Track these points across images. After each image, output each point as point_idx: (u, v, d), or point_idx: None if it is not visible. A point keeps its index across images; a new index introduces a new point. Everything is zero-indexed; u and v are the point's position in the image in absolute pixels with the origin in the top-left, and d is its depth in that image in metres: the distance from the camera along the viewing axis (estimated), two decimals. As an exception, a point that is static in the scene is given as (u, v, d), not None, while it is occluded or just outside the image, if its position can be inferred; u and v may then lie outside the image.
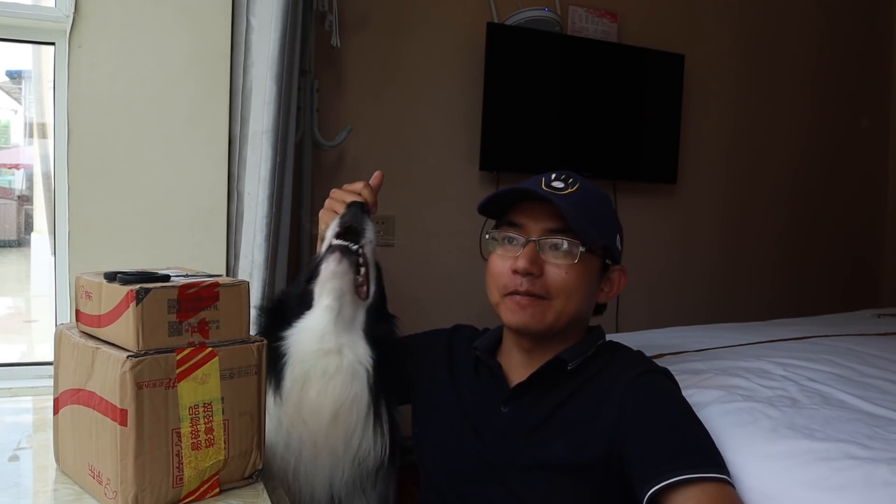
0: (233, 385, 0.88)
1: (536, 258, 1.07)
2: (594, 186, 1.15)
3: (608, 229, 1.13)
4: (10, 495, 0.90)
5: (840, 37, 3.30)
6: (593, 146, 2.71)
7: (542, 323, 1.08)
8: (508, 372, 1.16)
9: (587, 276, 1.09)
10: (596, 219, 1.09)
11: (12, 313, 2.05)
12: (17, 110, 2.02)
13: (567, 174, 1.13)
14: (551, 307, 1.08)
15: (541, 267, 1.07)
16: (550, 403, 1.08)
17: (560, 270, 1.07)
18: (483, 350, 1.20)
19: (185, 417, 0.84)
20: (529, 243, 1.08)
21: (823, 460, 1.03)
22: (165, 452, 0.83)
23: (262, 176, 1.64)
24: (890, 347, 1.60)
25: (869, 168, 3.47)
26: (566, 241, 1.07)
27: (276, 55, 1.64)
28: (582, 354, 1.11)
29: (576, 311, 1.10)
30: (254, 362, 0.91)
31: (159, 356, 0.82)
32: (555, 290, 1.07)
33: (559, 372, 1.10)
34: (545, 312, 1.08)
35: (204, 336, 0.87)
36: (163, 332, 0.83)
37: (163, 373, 0.83)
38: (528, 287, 1.07)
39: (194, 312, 0.86)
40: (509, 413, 1.11)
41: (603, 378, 1.08)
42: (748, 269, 3.18)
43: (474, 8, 2.55)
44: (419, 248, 2.51)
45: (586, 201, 1.10)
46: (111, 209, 1.53)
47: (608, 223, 1.14)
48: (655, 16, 2.87)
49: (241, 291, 0.90)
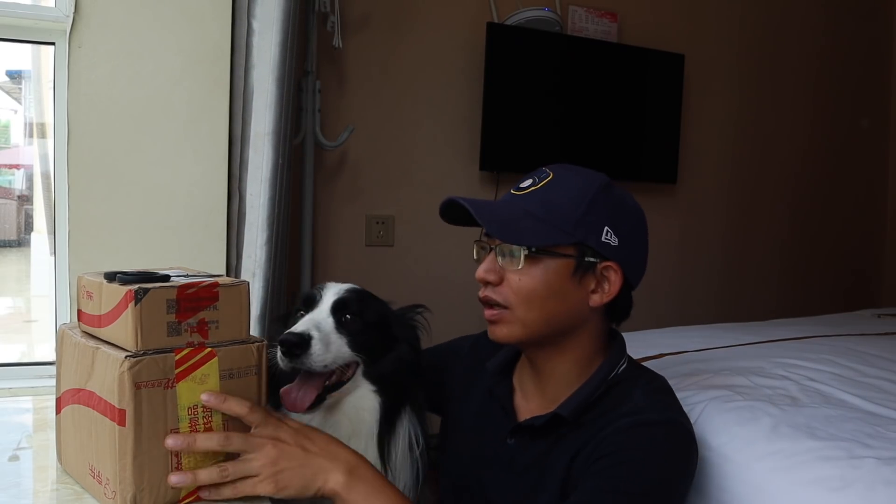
0: (233, 385, 0.88)
1: (494, 266, 1.02)
2: (578, 179, 1.04)
3: (580, 224, 1.00)
4: (10, 495, 0.89)
5: (840, 37, 3.30)
6: (593, 146, 2.71)
7: (514, 335, 1.02)
8: (520, 394, 1.13)
9: (545, 279, 1.00)
10: (558, 215, 1.00)
11: (12, 313, 2.05)
12: (17, 110, 2.02)
13: (549, 169, 1.06)
14: (514, 317, 1.01)
15: (500, 275, 1.02)
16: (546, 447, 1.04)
17: (514, 276, 1.00)
18: (494, 371, 1.15)
19: (184, 418, 0.84)
20: (491, 251, 1.03)
21: (824, 459, 1.03)
22: (164, 453, 0.83)
23: (263, 177, 1.64)
24: (890, 347, 1.60)
25: (869, 168, 3.47)
26: (503, 245, 1.01)
27: (278, 59, 1.64)
28: (584, 402, 1.03)
29: (542, 317, 1.01)
30: (254, 362, 0.90)
31: (158, 356, 0.82)
32: (511, 296, 1.01)
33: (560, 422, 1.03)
34: (511, 323, 1.02)
35: (203, 336, 0.86)
36: (161, 332, 0.83)
37: (161, 373, 0.82)
38: (486, 294, 1.03)
39: (193, 312, 0.85)
40: (515, 446, 1.08)
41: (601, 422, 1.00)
42: (748, 268, 3.18)
43: (474, 8, 2.55)
44: (419, 248, 2.51)
45: (548, 196, 1.02)
46: (111, 209, 1.53)
47: (581, 218, 1.00)
48: (655, 16, 2.87)
49: (241, 292, 0.90)
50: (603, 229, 1.01)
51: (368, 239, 2.45)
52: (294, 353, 0.98)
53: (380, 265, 2.46)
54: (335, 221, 2.40)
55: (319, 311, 1.07)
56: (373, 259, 2.45)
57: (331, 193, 2.38)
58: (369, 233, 2.45)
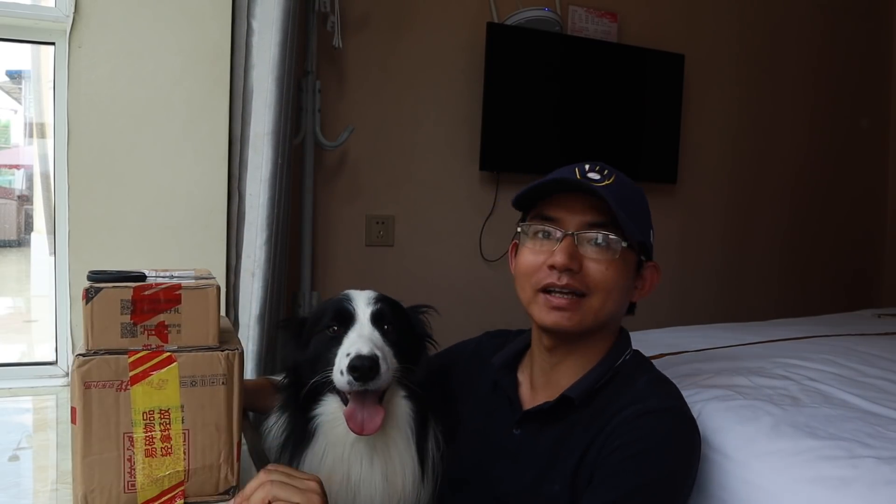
0: (195, 393, 0.84)
1: (575, 253, 1.01)
2: (629, 179, 1.08)
3: (644, 224, 1.07)
4: (10, 495, 0.89)
5: (840, 37, 3.30)
6: (593, 146, 2.70)
7: (579, 324, 1.03)
8: (526, 386, 1.13)
9: (626, 272, 1.04)
10: (634, 213, 1.03)
11: (12, 313, 2.05)
12: (17, 110, 2.02)
13: (602, 165, 1.07)
14: (590, 305, 1.02)
15: (580, 262, 1.01)
16: (556, 436, 1.04)
17: (600, 266, 1.01)
18: (501, 367, 1.16)
19: (139, 422, 0.81)
20: (567, 237, 1.02)
21: (825, 458, 1.03)
22: (116, 456, 0.81)
23: (263, 177, 1.64)
24: (890, 347, 1.60)
25: (869, 168, 3.47)
26: (607, 236, 1.01)
27: (278, 59, 1.64)
28: (592, 386, 1.04)
29: (613, 309, 1.04)
30: (220, 371, 0.85)
31: (109, 357, 0.80)
32: (594, 286, 1.01)
33: (568, 405, 1.05)
34: (583, 313, 1.02)
35: (162, 340, 0.83)
36: (114, 333, 0.81)
37: (113, 374, 0.80)
38: (568, 281, 1.00)
39: (152, 314, 0.83)
40: (521, 436, 1.08)
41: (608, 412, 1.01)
42: (748, 268, 3.18)
43: (474, 8, 2.55)
44: (419, 248, 2.51)
45: (624, 193, 1.03)
46: (111, 209, 1.53)
47: (644, 217, 1.08)
48: (655, 16, 2.87)
49: (207, 296, 0.85)
50: (650, 231, 1.11)
51: (368, 239, 2.45)
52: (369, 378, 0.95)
53: (380, 265, 2.46)
54: (335, 221, 2.40)
55: (362, 326, 1.03)
56: (373, 259, 2.45)
57: (331, 193, 2.38)
58: (369, 233, 2.45)
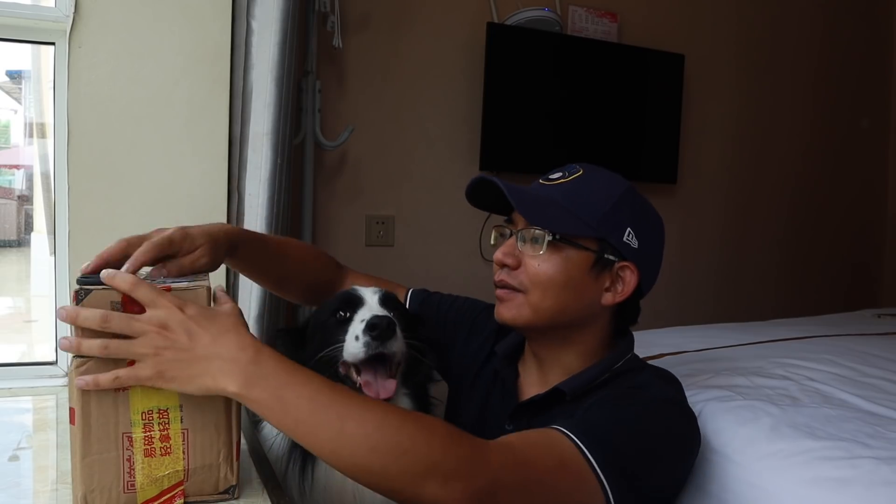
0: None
1: (514, 250, 1.04)
2: (607, 178, 1.07)
3: (605, 221, 1.03)
4: (10, 495, 0.89)
5: (840, 37, 3.30)
6: (593, 146, 2.70)
7: (521, 317, 1.04)
8: (524, 380, 1.14)
9: (565, 268, 1.02)
10: (585, 208, 1.02)
11: (12, 313, 2.05)
12: (17, 110, 2.02)
13: (579, 166, 1.08)
14: (527, 300, 1.03)
15: (518, 259, 1.04)
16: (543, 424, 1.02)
17: (534, 262, 1.02)
18: (503, 356, 1.17)
19: (138, 422, 0.82)
20: (512, 236, 1.06)
21: (824, 459, 1.03)
22: (115, 456, 0.81)
23: (262, 177, 1.64)
24: (890, 347, 1.60)
25: (869, 168, 3.47)
26: (533, 230, 1.03)
27: (277, 58, 1.64)
28: (587, 384, 1.04)
29: (555, 306, 1.02)
30: None
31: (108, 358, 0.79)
32: (529, 281, 1.03)
33: (559, 398, 1.05)
34: (521, 306, 1.04)
35: None
36: (107, 335, 0.79)
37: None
38: (502, 277, 1.05)
39: None
40: (512, 431, 1.07)
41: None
42: (748, 268, 3.18)
43: (474, 8, 2.55)
44: (419, 248, 2.51)
45: (577, 190, 1.04)
46: (111, 209, 1.53)
47: (607, 215, 1.03)
48: (655, 16, 2.87)
49: (199, 297, 0.84)
50: (626, 229, 1.04)
51: (368, 239, 2.45)
52: (387, 335, 0.98)
53: (380, 265, 2.45)
54: (335, 221, 2.40)
55: (372, 307, 1.07)
56: (373, 259, 2.45)
57: (331, 193, 2.38)
58: (369, 233, 2.45)
